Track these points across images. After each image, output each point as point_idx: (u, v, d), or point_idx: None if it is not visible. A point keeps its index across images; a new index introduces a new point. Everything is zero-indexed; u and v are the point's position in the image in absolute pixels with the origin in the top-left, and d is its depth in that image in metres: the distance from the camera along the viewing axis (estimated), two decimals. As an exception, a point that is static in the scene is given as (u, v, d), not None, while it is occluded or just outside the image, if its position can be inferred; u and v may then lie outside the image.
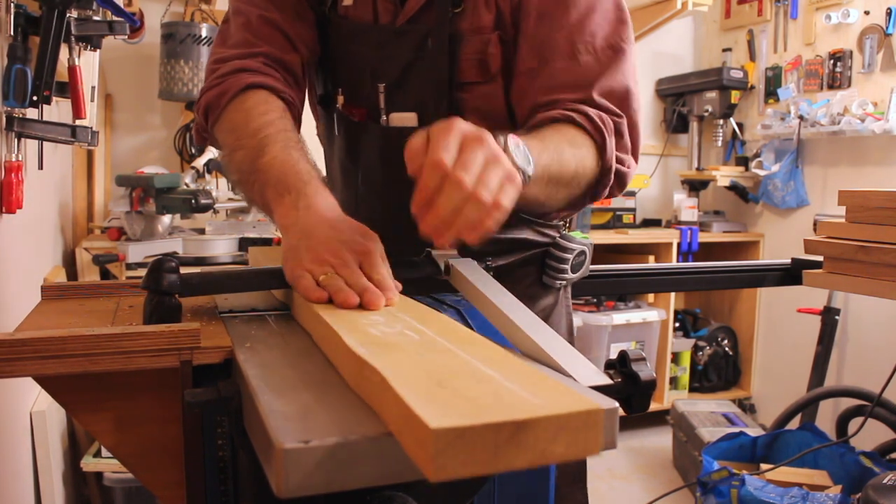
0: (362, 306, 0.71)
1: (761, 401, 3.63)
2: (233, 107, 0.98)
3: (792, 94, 3.32)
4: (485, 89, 1.03)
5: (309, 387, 0.56)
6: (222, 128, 0.99)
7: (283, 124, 0.94)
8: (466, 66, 1.02)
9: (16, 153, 1.38)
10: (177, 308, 0.73)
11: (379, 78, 1.06)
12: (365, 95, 1.08)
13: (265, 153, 0.89)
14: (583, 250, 1.14)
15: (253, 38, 1.03)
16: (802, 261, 1.32)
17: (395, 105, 1.06)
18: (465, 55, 1.01)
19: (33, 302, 0.88)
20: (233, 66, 1.00)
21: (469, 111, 1.02)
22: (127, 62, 2.89)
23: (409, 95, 1.05)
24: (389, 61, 1.05)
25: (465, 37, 1.01)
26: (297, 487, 0.44)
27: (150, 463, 0.70)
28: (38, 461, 1.75)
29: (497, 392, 0.47)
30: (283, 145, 0.90)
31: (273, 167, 0.88)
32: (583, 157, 0.93)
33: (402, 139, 0.99)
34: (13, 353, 0.61)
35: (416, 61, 1.03)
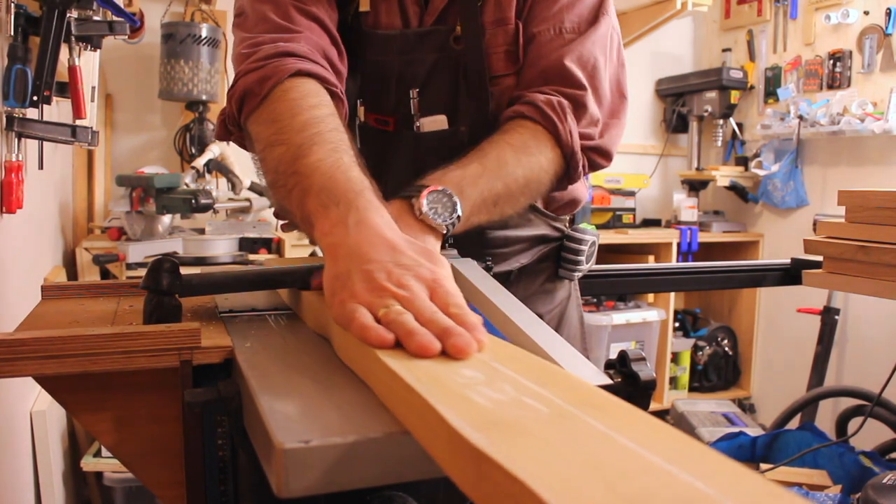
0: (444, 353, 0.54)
1: (761, 401, 3.63)
2: (276, 95, 0.85)
3: (791, 94, 3.32)
4: (512, 81, 1.02)
5: (309, 387, 0.56)
6: (260, 118, 0.86)
7: (335, 122, 0.82)
8: (496, 59, 1.00)
9: (16, 153, 1.38)
10: (177, 308, 0.74)
11: (408, 84, 1.03)
12: (391, 104, 1.05)
13: (310, 153, 0.75)
14: (593, 241, 1.16)
15: (289, 23, 0.93)
16: (802, 261, 1.32)
17: (424, 109, 1.03)
18: (494, 48, 1.00)
19: (33, 302, 0.88)
20: (277, 48, 0.88)
21: (499, 104, 1.01)
22: (127, 62, 2.89)
23: (436, 97, 1.03)
24: (415, 66, 1.02)
25: (488, 30, 1.00)
26: (298, 487, 0.44)
27: (150, 463, 0.70)
28: (38, 461, 1.75)
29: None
30: (332, 147, 0.76)
31: (318, 171, 0.73)
32: (531, 160, 0.92)
33: (434, 143, 1.03)
34: (13, 353, 0.61)
35: (440, 62, 1.02)
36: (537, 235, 1.11)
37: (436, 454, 0.43)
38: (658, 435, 0.39)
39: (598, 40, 1.00)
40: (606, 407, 0.44)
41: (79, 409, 0.68)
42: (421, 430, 0.45)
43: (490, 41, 1.00)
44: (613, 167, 3.76)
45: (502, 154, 0.89)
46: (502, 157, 0.89)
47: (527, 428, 0.40)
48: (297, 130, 0.79)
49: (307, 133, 0.78)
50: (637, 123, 3.85)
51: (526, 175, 0.91)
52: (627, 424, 0.40)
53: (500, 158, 0.88)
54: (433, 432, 0.43)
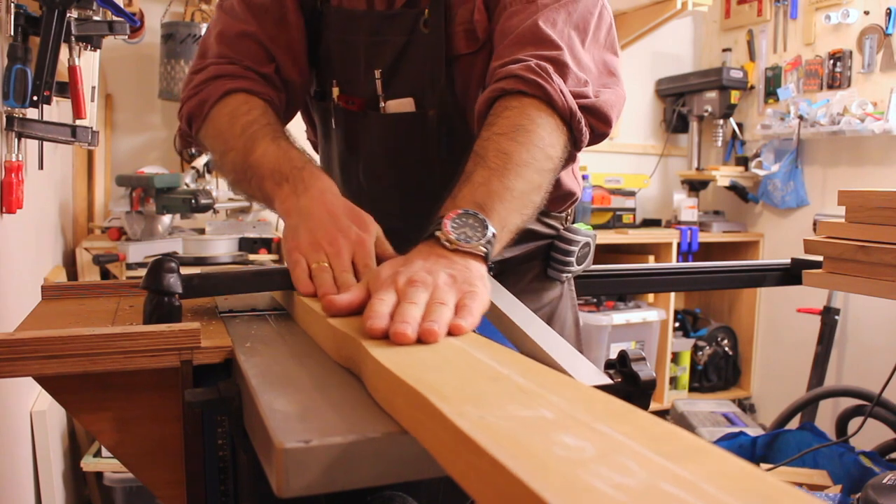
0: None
1: (761, 401, 3.63)
2: (215, 113, 0.99)
3: (792, 94, 3.32)
4: (474, 60, 1.00)
5: (309, 386, 0.56)
6: (208, 134, 1.00)
7: (267, 119, 0.96)
8: (457, 39, 0.99)
9: (16, 153, 1.38)
10: (177, 308, 0.74)
11: (374, 65, 1.04)
12: (361, 85, 1.06)
13: (255, 149, 0.91)
14: (587, 242, 1.13)
15: (231, 52, 1.03)
16: (802, 261, 1.32)
17: (391, 92, 1.04)
18: (455, 28, 0.99)
19: (33, 302, 0.88)
20: (210, 72, 1.01)
21: (463, 85, 1.00)
22: (127, 62, 2.89)
23: (404, 80, 1.03)
24: (383, 47, 1.03)
25: (454, 11, 0.99)
26: (298, 487, 0.44)
27: (150, 463, 0.70)
28: (38, 461, 1.75)
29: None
30: (271, 137, 0.92)
31: (266, 159, 0.89)
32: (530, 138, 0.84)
33: (402, 126, 1.05)
34: (13, 353, 0.61)
35: (409, 44, 1.02)
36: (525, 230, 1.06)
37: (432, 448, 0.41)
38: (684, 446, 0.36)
39: (578, 10, 0.94)
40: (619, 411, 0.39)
41: (79, 409, 0.68)
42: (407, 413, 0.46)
43: (453, 21, 0.99)
44: (613, 167, 3.77)
45: (500, 147, 0.84)
46: (501, 149, 0.83)
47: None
48: (238, 135, 0.93)
49: (247, 134, 0.93)
50: (637, 123, 3.85)
51: (533, 155, 0.84)
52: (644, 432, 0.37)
53: (499, 153, 0.83)
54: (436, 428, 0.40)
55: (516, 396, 0.43)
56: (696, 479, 0.32)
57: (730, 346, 3.64)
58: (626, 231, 3.41)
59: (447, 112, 1.01)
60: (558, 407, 0.41)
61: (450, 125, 1.01)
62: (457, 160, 0.96)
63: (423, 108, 1.03)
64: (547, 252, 1.12)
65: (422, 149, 1.04)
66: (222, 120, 0.97)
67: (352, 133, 1.10)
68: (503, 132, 0.85)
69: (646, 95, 3.86)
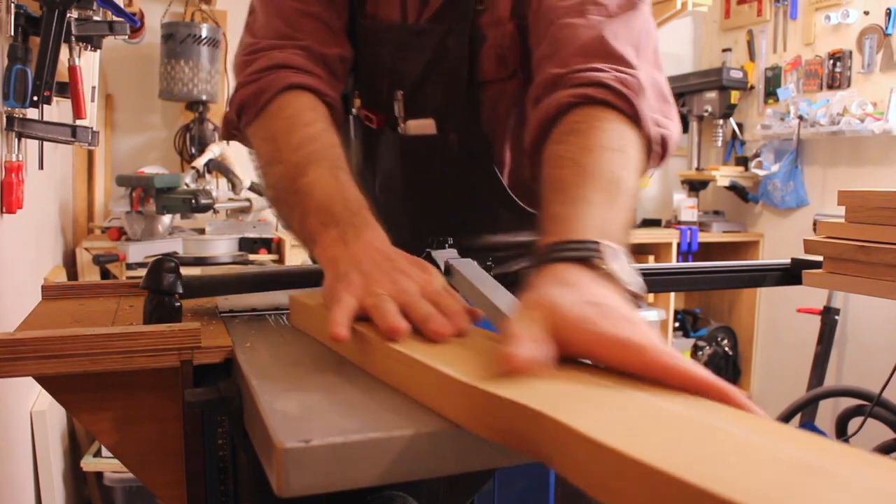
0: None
1: (761, 401, 3.63)
2: (273, 110, 0.87)
3: (791, 94, 3.32)
4: (504, 87, 0.96)
5: (309, 386, 0.56)
6: (259, 134, 0.88)
7: (329, 139, 0.83)
8: (486, 64, 0.94)
9: (16, 153, 1.38)
10: (177, 308, 0.74)
11: (396, 84, 0.99)
12: (382, 101, 1.01)
13: (308, 172, 0.77)
14: None
15: (290, 29, 0.93)
16: (802, 261, 1.32)
17: (413, 111, 0.99)
18: (485, 51, 0.94)
19: (33, 302, 0.88)
20: (272, 59, 0.90)
21: (488, 113, 0.96)
22: (127, 62, 2.89)
23: (427, 100, 0.99)
24: (407, 63, 0.98)
25: (486, 29, 0.94)
26: (298, 487, 0.44)
27: (150, 462, 0.70)
28: (38, 461, 1.75)
29: None
30: (329, 165, 0.78)
31: (316, 191, 0.75)
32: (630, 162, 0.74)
33: (421, 147, 0.99)
34: (13, 353, 0.61)
35: (434, 63, 0.97)
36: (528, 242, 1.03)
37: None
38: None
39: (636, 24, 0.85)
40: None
41: (79, 409, 0.68)
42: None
43: (484, 44, 0.94)
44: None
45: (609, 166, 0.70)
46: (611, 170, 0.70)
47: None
48: (294, 149, 0.80)
49: (303, 152, 0.79)
50: (637, 123, 3.84)
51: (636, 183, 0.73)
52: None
53: (611, 174, 0.69)
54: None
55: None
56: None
57: (730, 346, 3.64)
58: (626, 231, 3.41)
59: (470, 136, 0.97)
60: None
61: (471, 149, 0.97)
62: (476, 182, 0.95)
63: (445, 130, 0.98)
64: None
65: (440, 170, 1.00)
66: (280, 123, 0.85)
67: (370, 146, 1.05)
68: (611, 147, 0.72)
69: (646, 95, 3.86)
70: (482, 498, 0.72)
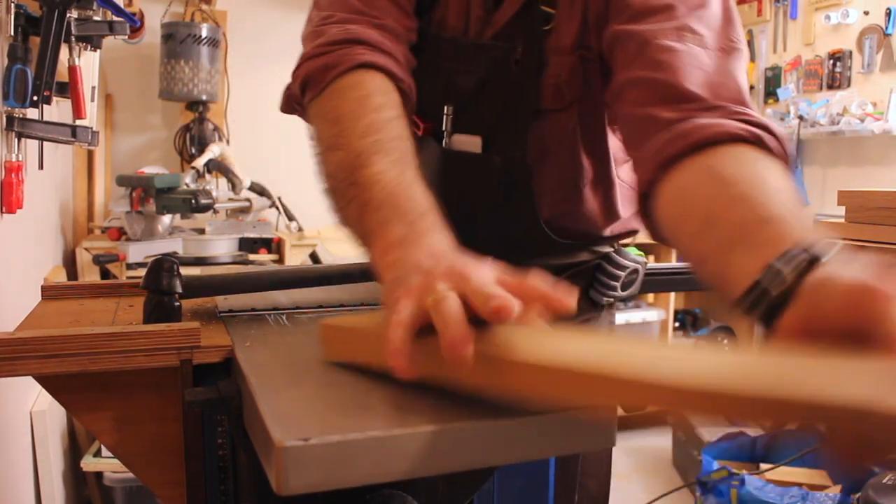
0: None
1: (761, 401, 3.63)
2: (341, 87, 0.79)
3: (791, 94, 3.32)
4: (558, 118, 0.91)
5: (309, 385, 0.56)
6: (322, 112, 0.80)
7: (399, 128, 0.75)
8: (544, 92, 0.90)
9: (16, 153, 1.38)
10: (177, 308, 0.74)
11: (450, 96, 0.94)
12: (432, 110, 0.96)
13: (371, 163, 0.69)
14: (636, 268, 1.06)
15: (366, 6, 0.86)
16: (802, 260, 1.32)
17: (460, 126, 0.95)
18: (545, 79, 0.90)
19: (33, 302, 0.88)
20: (346, 31, 0.82)
21: (538, 141, 0.92)
22: (127, 62, 2.89)
23: (478, 117, 0.94)
24: (465, 77, 0.93)
25: (548, 59, 0.89)
26: (297, 485, 0.44)
27: (150, 462, 0.70)
28: (38, 461, 1.75)
29: None
30: (395, 158, 0.71)
31: (379, 185, 0.67)
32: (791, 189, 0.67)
33: (463, 163, 0.95)
34: (13, 353, 0.61)
35: (492, 80, 0.92)
36: (574, 262, 1.03)
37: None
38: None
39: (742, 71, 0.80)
40: None
41: (79, 409, 0.68)
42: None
43: (545, 71, 0.89)
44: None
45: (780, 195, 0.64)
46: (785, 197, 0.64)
47: None
48: (359, 136, 0.72)
49: (369, 140, 0.72)
50: (637, 123, 3.85)
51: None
52: None
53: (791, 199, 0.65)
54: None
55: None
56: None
57: (730, 346, 3.63)
58: (626, 231, 3.41)
59: (513, 162, 0.92)
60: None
61: (511, 175, 0.93)
62: (511, 209, 0.93)
63: (490, 152, 0.94)
64: (593, 273, 1.04)
65: (479, 190, 0.96)
66: (346, 105, 0.77)
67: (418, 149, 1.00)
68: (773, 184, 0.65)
69: (646, 95, 3.86)
70: (481, 497, 0.72)
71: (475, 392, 0.49)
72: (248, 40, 3.03)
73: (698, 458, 2.39)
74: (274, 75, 1.72)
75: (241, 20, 3.03)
